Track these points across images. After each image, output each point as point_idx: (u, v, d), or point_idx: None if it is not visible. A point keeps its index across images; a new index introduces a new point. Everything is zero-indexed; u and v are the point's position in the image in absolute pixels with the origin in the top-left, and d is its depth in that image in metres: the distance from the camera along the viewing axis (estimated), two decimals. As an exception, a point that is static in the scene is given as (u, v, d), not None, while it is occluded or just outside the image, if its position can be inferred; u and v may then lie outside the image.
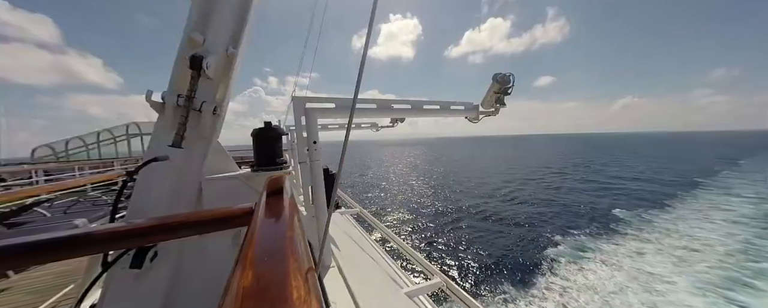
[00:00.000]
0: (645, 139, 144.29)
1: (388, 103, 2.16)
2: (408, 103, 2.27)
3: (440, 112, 2.38)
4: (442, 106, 2.37)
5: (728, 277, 7.60)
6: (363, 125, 4.22)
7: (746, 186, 19.03)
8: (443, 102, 2.34)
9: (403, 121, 3.69)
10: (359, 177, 32.08)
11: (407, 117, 2.73)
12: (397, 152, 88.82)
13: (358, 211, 3.74)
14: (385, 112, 2.17)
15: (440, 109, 2.37)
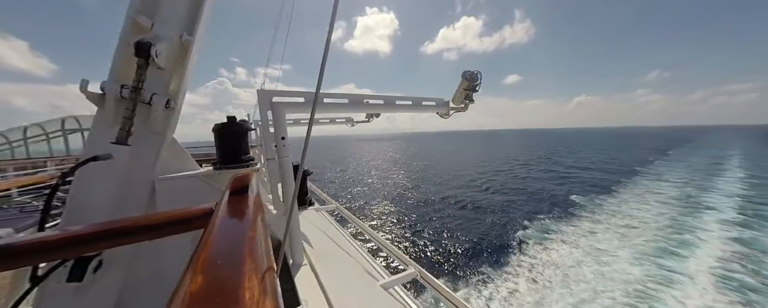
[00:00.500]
0: (596, 134, 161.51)
1: (360, 98, 2.12)
2: (381, 98, 2.24)
3: (412, 107, 2.39)
4: (414, 101, 2.37)
5: (659, 248, 9.14)
6: (338, 120, 4.22)
7: (673, 173, 22.52)
8: (415, 98, 2.35)
9: (378, 117, 3.65)
10: (340, 173, 31.83)
11: (380, 112, 2.70)
12: (376, 147, 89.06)
13: (335, 207, 3.69)
14: (357, 107, 2.12)
15: (412, 105, 2.37)
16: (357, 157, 50.89)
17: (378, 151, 68.60)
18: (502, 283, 7.59)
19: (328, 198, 4.06)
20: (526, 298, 6.86)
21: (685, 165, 26.79)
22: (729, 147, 43.42)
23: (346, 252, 2.29)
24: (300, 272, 1.68)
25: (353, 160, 45.76)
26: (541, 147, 60.53)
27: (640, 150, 44.59)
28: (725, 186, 17.36)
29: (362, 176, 28.71)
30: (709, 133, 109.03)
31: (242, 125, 1.79)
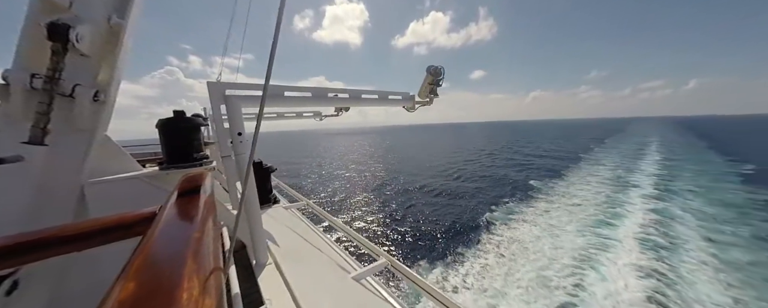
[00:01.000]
0: (548, 125, 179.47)
1: (324, 91, 2.02)
2: (346, 91, 2.15)
3: (379, 101, 2.35)
4: (381, 95, 2.33)
5: (597, 220, 10.90)
6: (305, 114, 4.05)
7: (608, 158, 26.34)
8: (381, 91, 2.34)
9: (347, 110, 3.49)
10: (317, 167, 31.21)
11: (347, 106, 2.65)
12: (349, 141, 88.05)
13: (306, 204, 3.60)
14: (321, 101, 2.06)
15: (379, 99, 2.33)
16: (331, 151, 50.09)
17: (352, 144, 68.08)
18: (475, 260, 8.48)
19: (298, 195, 3.88)
20: (496, 270, 7.80)
21: (617, 151, 31.43)
22: (650, 135, 51.74)
23: (317, 248, 2.24)
24: (264, 271, 1.61)
25: (328, 154, 44.99)
26: (503, 138, 65.64)
27: (583, 139, 50.85)
28: (646, 167, 20.94)
29: (339, 170, 28.55)
30: (636, 123, 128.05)
31: (192, 120, 1.65)
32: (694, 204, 12.51)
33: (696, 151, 30.28)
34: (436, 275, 7.82)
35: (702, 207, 12.12)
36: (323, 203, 15.97)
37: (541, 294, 6.58)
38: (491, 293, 6.82)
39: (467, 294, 6.93)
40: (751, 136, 48.08)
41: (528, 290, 6.78)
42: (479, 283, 7.31)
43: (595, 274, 7.18)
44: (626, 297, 6.14)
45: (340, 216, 13.51)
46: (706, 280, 6.83)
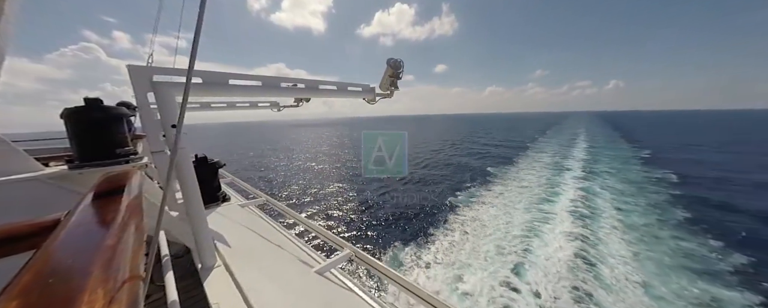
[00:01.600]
0: (502, 118, 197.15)
1: (276, 80, 1.85)
2: (302, 81, 2.01)
3: (338, 92, 2.24)
4: (340, 86, 2.22)
5: (540, 198, 12.85)
6: (261, 104, 3.76)
7: (548, 146, 30.48)
8: (341, 83, 2.24)
9: (308, 101, 3.29)
10: (280, 160, 29.78)
11: (303, 97, 2.52)
12: (314, 133, 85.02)
13: (265, 200, 3.38)
14: (273, 90, 1.87)
15: (338, 90, 2.22)
16: (295, 143, 47.98)
17: (317, 136, 65.98)
18: (443, 238, 9.44)
19: (256, 191, 3.65)
20: (462, 246, 8.84)
21: (555, 140, 36.46)
22: (579, 126, 60.78)
23: (277, 245, 2.17)
24: (212, 275, 1.53)
25: (293, 147, 43.05)
26: (464, 129, 70.64)
27: (529, 131, 57.42)
28: (576, 153, 24.88)
29: (306, 162, 27.76)
30: (570, 117, 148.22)
31: (110, 110, 1.41)
32: (609, 182, 15.51)
33: (612, 139, 36.78)
34: (410, 254, 8.53)
35: (614, 184, 15.11)
36: (287, 197, 15.55)
37: (498, 260, 7.75)
38: (458, 265, 7.76)
39: (438, 268, 7.77)
40: (654, 128, 60.11)
41: (487, 259, 7.90)
42: (448, 258, 8.22)
43: (539, 241, 8.66)
44: (561, 256, 7.62)
45: (307, 209, 13.34)
46: (616, 240, 8.77)
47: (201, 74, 1.47)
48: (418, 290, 1.60)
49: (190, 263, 1.71)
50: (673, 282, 6.63)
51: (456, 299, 6.29)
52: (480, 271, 7.33)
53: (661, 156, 24.61)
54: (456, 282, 6.97)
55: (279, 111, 4.06)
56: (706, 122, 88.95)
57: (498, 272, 7.15)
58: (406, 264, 8.04)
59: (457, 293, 6.47)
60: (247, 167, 25.60)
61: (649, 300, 6.01)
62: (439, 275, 7.38)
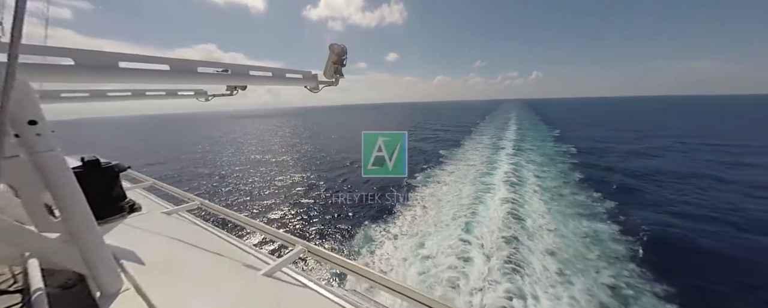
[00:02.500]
0: (448, 106, 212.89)
1: (190, 64, 1.53)
2: (229, 66, 1.72)
3: (274, 79, 1.98)
4: (276, 73, 1.97)
5: (482, 173, 15.21)
6: (182, 93, 3.17)
7: (487, 130, 34.98)
8: (278, 68, 1.98)
9: (244, 89, 2.85)
10: (229, 157, 27.10)
11: (233, 84, 2.23)
12: (262, 124, 78.12)
13: (197, 204, 2.94)
14: (186, 76, 1.55)
15: (273, 77, 1.96)
16: (237, 137, 43.68)
17: (267, 128, 61.01)
18: (407, 213, 10.64)
19: (186, 195, 3.12)
20: (424, 219, 10.15)
21: (493, 124, 41.86)
22: (511, 112, 70.34)
23: (216, 253, 1.92)
24: (116, 303, 1.33)
25: (242, 140, 39.21)
26: (418, 117, 74.77)
27: (472, 117, 64.07)
28: (509, 135, 29.32)
29: (256, 156, 25.99)
30: (503, 104, 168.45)
31: None
32: (532, 156, 19.11)
33: (534, 122, 44.07)
34: (378, 230, 9.45)
35: (535, 158, 18.71)
36: (231, 198, 14.46)
37: (452, 224, 9.27)
38: (420, 235, 9.01)
39: (404, 239, 8.89)
40: (565, 112, 73.64)
41: (443, 226, 9.36)
42: (412, 230, 9.42)
43: (483, 206, 10.56)
44: (498, 215, 9.54)
45: (255, 209, 12.79)
46: (536, 200, 11.25)
47: (74, 54, 1.17)
48: (374, 275, 1.59)
49: (86, 293, 1.39)
50: (571, 225, 9.10)
51: (418, 264, 7.38)
52: (438, 236, 8.70)
53: (567, 134, 30.94)
54: (419, 248, 8.16)
55: (208, 100, 3.45)
56: (608, 107, 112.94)
57: (452, 234, 8.63)
58: (376, 239, 8.93)
59: (419, 257, 7.63)
60: (178, 167, 22.57)
61: (555, 238, 8.20)
62: (406, 244, 8.49)
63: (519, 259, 6.95)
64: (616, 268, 6.80)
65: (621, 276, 6.51)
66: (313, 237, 9.94)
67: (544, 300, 5.64)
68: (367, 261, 7.72)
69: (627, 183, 13.95)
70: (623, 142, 26.13)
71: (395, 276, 6.92)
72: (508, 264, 6.71)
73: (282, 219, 11.65)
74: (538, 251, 7.52)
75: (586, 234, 8.56)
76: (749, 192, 12.34)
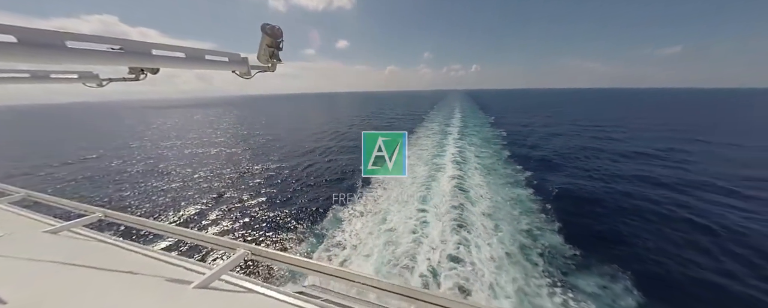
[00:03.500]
0: (401, 96, 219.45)
1: (53, 37, 1.04)
2: (117, 42, 1.24)
3: (188, 61, 1.55)
4: (192, 54, 1.54)
5: (435, 154, 17.08)
6: (57, 76, 2.41)
7: (438, 117, 38.12)
8: (194, 49, 1.55)
9: (155, 73, 2.31)
10: (146, 155, 23.35)
11: (125, 65, 1.56)
12: (192, 116, 67.91)
13: (101, 216, 2.40)
14: (47, 53, 1.04)
15: (187, 59, 1.53)
16: (165, 131, 37.63)
17: (200, 121, 53.51)
18: (370, 194, 11.55)
19: (84, 207, 2.57)
20: (384, 197, 11.21)
21: (442, 113, 45.55)
22: (455, 102, 77.05)
23: (128, 272, 1.64)
24: None
25: (172, 135, 33.79)
26: (371, 106, 75.60)
27: (423, 106, 68.00)
28: (455, 122, 32.64)
29: (188, 151, 23.22)
30: (449, 94, 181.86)
31: None
32: (474, 140, 22.05)
33: (474, 110, 49.58)
34: (346, 212, 10.14)
35: (475, 141, 21.66)
36: (146, 205, 12.14)
37: (411, 199, 10.57)
38: (383, 212, 10.04)
39: (369, 216, 9.79)
40: (501, 101, 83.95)
41: (403, 203, 10.59)
42: (375, 208, 10.39)
43: (436, 183, 12.18)
44: (447, 189, 11.24)
45: (186, 214, 11.17)
46: (476, 175, 13.43)
47: None
48: (325, 267, 1.50)
49: None
50: (501, 193, 11.36)
51: (382, 244, 8.29)
52: (398, 211, 9.87)
53: (501, 120, 36.07)
54: (381, 224, 9.17)
55: (102, 86, 2.69)
56: (529, 98, 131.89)
57: (411, 206, 9.91)
58: (345, 219, 9.63)
59: (382, 231, 8.61)
60: (63, 174, 17.14)
61: (490, 203, 10.23)
62: (370, 221, 9.42)
63: (464, 220, 8.59)
64: (530, 218, 9.06)
65: (533, 222, 8.74)
66: (267, 237, 9.28)
67: (483, 246, 7.29)
68: (340, 240, 8.37)
69: (541, 157, 17.67)
70: (540, 126, 32.01)
71: (367, 245, 7.80)
72: (457, 223, 8.26)
73: (221, 222, 10.41)
74: (478, 213, 9.34)
75: (511, 198, 10.88)
76: (615, 159, 17.34)
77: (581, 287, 5.86)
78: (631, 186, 12.60)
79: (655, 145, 20.69)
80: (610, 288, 5.90)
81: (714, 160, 16.56)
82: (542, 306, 5.49)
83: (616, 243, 7.96)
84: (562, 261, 6.81)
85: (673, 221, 9.23)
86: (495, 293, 5.77)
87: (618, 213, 9.92)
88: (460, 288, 5.77)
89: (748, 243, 7.73)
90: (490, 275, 6.26)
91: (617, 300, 5.62)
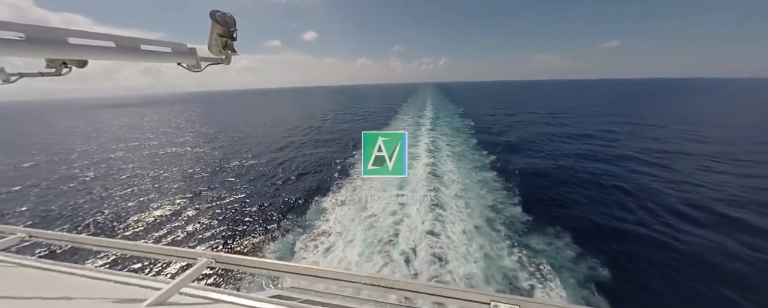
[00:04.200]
0: (373, 89, 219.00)
1: None
2: (14, 27, 1.00)
3: (118, 52, 1.31)
4: (122, 43, 1.30)
5: (412, 144, 17.99)
6: None
7: (411, 108, 39.26)
8: (125, 37, 1.31)
9: (82, 66, 1.83)
10: (99, 156, 21.11)
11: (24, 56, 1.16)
12: (136, 115, 61.31)
13: (23, 237, 2.01)
14: None
15: (117, 49, 1.30)
16: (108, 134, 33.84)
17: (157, 121, 48.62)
18: (350, 185, 12.08)
19: (1, 228, 2.14)
20: (364, 186, 11.82)
21: (415, 105, 46.92)
22: (427, 94, 79.34)
23: (64, 297, 1.39)
24: None
25: (88, 142, 30.42)
26: (343, 101, 74.81)
27: (396, 99, 69.08)
28: (427, 113, 34.04)
29: (137, 153, 21.53)
30: (421, 87, 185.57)
31: None
32: (445, 129, 23.44)
33: (445, 102, 51.81)
34: (327, 202, 10.57)
35: (445, 129, 23.09)
36: (86, 220, 10.46)
37: (389, 187, 11.32)
38: (363, 200, 10.65)
39: (350, 204, 10.34)
40: (468, 92, 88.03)
41: (382, 191, 11.30)
42: (357, 196, 10.97)
43: (412, 170, 13.06)
44: (423, 175, 12.17)
45: (139, 227, 9.73)
46: (449, 162, 14.58)
47: None
48: (301, 268, 1.41)
49: None
50: (470, 176, 12.60)
51: (364, 228, 8.91)
52: (378, 198, 10.57)
53: (469, 111, 38.35)
54: (361, 211, 9.79)
55: (10, 82, 2.00)
56: (493, 88, 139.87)
57: (390, 192, 10.67)
58: (328, 209, 10.08)
59: (362, 218, 9.21)
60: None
61: (461, 186, 11.37)
62: (351, 209, 9.99)
63: (439, 200, 9.56)
64: (495, 195, 10.35)
65: (497, 199, 10.02)
66: (237, 242, 8.68)
67: (456, 222, 8.30)
68: (325, 229, 8.80)
69: (504, 142, 19.58)
70: (504, 115, 34.82)
71: (350, 231, 8.38)
72: (433, 203, 9.20)
73: (181, 231, 9.38)
74: (451, 195, 10.38)
75: (479, 180, 12.16)
76: (564, 141, 19.97)
77: (532, 245, 7.10)
78: (574, 162, 15.06)
79: (595, 128, 24.75)
80: (554, 243, 7.24)
81: (639, 139, 20.08)
82: (504, 266, 6.59)
83: (561, 208, 9.69)
84: (519, 226, 8.08)
85: (604, 187, 11.45)
86: (467, 259, 6.77)
87: (564, 184, 11.93)
88: (437, 257, 6.66)
89: (655, 200, 10.05)
90: (462, 245, 7.25)
91: (560, 252, 6.95)
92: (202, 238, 8.99)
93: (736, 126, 23.86)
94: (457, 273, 6.17)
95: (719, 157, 14.95)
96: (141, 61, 1.47)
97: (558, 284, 5.87)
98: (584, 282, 6.01)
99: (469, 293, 1.14)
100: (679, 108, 39.63)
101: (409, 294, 1.28)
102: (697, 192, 10.60)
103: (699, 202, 9.74)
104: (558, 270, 6.27)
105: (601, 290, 5.78)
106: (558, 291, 5.72)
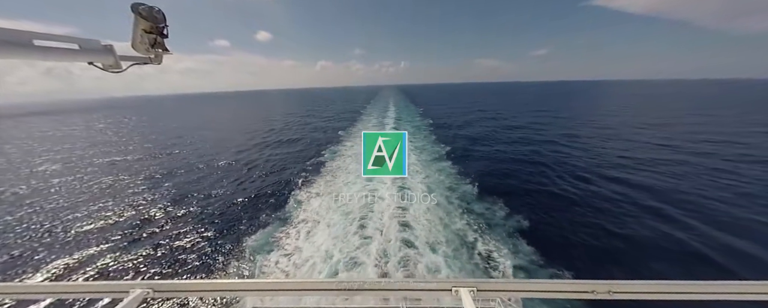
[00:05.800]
0: (337, 92, 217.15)
1: None
2: None
3: (5, 49, 1.03)
4: (7, 37, 1.04)
5: (376, 144, 19.43)
6: None
7: (374, 111, 40.83)
8: (10, 31, 1.05)
9: None
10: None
11: None
12: (58, 124, 51.77)
13: None
14: None
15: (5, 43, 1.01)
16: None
17: (69, 133, 41.53)
18: (322, 180, 12.97)
19: None
20: (338, 180, 12.83)
21: (376, 107, 48.64)
22: (390, 96, 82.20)
23: None
24: None
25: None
26: (307, 103, 73.70)
27: (359, 101, 70.35)
28: (390, 113, 36.01)
29: (50, 169, 19.17)
30: (383, 89, 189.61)
31: None
32: (408, 127, 25.48)
33: (406, 103, 54.77)
34: (302, 195, 11.33)
35: (409, 128, 25.14)
36: None
37: (357, 182, 12.53)
38: (334, 193, 11.64)
39: (324, 196, 11.28)
40: (427, 94, 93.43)
41: (352, 184, 12.45)
42: (327, 189, 11.94)
43: (379, 164, 14.45)
44: (390, 167, 13.67)
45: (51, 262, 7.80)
46: (412, 157, 16.34)
47: None
48: (253, 284, 1.25)
49: None
50: (432, 167, 14.48)
51: (339, 217, 10.01)
52: (348, 190, 11.70)
53: (428, 111, 41.51)
54: (335, 202, 10.82)
55: None
56: (457, 90, 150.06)
57: (358, 186, 11.89)
58: (304, 200, 10.88)
59: (335, 209, 10.27)
60: None
61: (424, 179, 13.10)
62: (324, 201, 10.93)
63: (406, 188, 11.12)
64: (452, 179, 12.33)
65: (453, 181, 12.01)
66: (184, 267, 7.47)
67: (422, 204, 9.89)
68: (307, 217, 9.59)
69: (461, 136, 22.40)
70: (459, 115, 38.68)
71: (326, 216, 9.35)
72: (400, 190, 10.71)
73: (110, 259, 7.87)
74: (416, 183, 12.04)
75: (439, 169, 14.10)
76: (504, 132, 23.93)
77: (475, 210, 9.12)
78: (510, 147, 19.13)
79: (527, 120, 31.13)
80: (491, 208, 9.38)
81: (558, 127, 26.20)
82: (458, 228, 8.34)
83: (497, 179, 12.73)
84: (469, 198, 10.13)
85: (532, 164, 15.43)
86: (430, 228, 8.37)
87: (501, 163, 15.74)
88: (405, 224, 8.13)
89: (564, 169, 14.02)
90: (425, 219, 8.86)
91: (495, 214, 9.06)
92: (134, 266, 7.54)
93: (624, 116, 33.17)
94: (422, 239, 7.70)
95: (609, 138, 21.17)
96: (39, 59, 1.18)
97: (495, 237, 7.82)
98: (512, 232, 8.10)
99: (434, 283, 1.17)
100: (588, 104, 50.29)
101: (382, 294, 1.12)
102: (593, 162, 15.15)
103: (593, 169, 14.03)
104: (493, 227, 8.27)
105: (522, 235, 7.90)
106: (495, 243, 7.62)
